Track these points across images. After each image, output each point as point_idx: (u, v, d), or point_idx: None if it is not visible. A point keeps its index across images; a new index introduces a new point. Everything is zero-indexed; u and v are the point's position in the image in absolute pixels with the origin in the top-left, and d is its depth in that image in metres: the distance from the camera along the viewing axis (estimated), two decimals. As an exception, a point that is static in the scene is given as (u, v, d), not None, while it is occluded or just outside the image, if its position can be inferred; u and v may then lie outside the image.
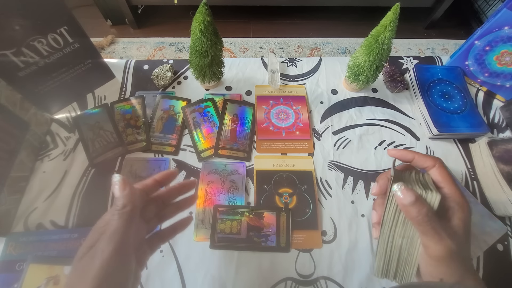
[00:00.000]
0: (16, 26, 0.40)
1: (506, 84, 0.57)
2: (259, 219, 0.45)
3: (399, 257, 0.33)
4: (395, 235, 0.32)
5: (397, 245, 0.32)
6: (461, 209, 0.29)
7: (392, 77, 0.59)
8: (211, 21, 0.43)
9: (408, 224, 0.32)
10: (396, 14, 0.43)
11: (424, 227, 0.28)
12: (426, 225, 0.28)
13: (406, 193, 0.29)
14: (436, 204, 0.29)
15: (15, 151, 0.44)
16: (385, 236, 0.33)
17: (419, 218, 0.28)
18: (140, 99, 0.55)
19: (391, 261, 0.33)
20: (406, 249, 0.32)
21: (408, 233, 0.32)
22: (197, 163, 0.50)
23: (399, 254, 0.33)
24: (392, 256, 0.33)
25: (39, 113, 0.50)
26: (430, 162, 0.32)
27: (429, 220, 0.28)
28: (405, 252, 0.32)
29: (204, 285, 0.41)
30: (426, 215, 0.28)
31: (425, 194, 0.30)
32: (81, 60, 0.51)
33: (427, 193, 0.30)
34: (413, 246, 0.32)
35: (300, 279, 0.41)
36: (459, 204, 0.29)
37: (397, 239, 0.32)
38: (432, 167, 0.32)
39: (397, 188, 0.30)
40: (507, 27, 0.52)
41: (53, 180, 0.47)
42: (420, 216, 0.28)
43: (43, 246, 0.41)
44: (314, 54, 1.55)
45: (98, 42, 1.50)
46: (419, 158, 0.33)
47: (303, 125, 0.54)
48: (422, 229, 0.29)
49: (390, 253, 0.33)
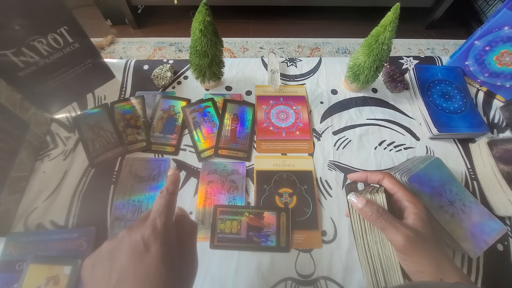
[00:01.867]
0: (16, 26, 0.40)
1: (506, 84, 0.57)
2: (259, 219, 0.45)
3: (381, 264, 0.35)
4: (369, 242, 0.36)
5: (375, 252, 0.36)
6: (414, 206, 0.34)
7: (392, 77, 0.59)
8: (211, 21, 0.43)
9: (374, 228, 0.36)
10: (396, 14, 0.43)
11: (380, 223, 0.33)
12: (381, 219, 0.33)
13: (359, 198, 0.35)
14: (384, 201, 0.35)
15: (15, 151, 0.44)
16: (361, 246, 0.37)
17: (373, 215, 0.33)
18: (140, 99, 0.55)
19: (377, 271, 0.35)
20: (383, 254, 0.35)
21: (377, 237, 0.36)
22: (197, 163, 0.50)
23: (380, 261, 0.35)
24: (375, 265, 0.36)
25: (39, 113, 0.50)
26: (380, 176, 0.38)
27: (382, 215, 0.33)
28: (384, 258, 0.35)
29: (204, 285, 0.41)
30: (377, 211, 0.33)
31: (373, 197, 0.35)
32: (81, 60, 0.51)
33: (375, 196, 0.35)
34: (387, 249, 0.35)
35: (300, 279, 0.41)
36: (412, 202, 0.34)
37: (372, 246, 0.36)
38: (383, 179, 0.37)
39: (351, 196, 0.36)
40: (507, 27, 0.52)
41: (53, 180, 0.47)
42: (373, 213, 0.33)
43: (43, 246, 0.41)
44: (314, 54, 1.55)
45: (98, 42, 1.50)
46: (371, 175, 0.39)
47: (303, 125, 0.54)
48: (380, 225, 0.33)
49: (372, 262, 0.36)
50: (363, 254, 0.36)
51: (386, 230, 0.33)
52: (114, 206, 0.46)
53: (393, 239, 0.32)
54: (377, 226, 0.34)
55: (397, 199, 0.36)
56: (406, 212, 0.34)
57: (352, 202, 0.36)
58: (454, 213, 0.41)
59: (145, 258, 0.25)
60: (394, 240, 0.32)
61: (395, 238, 0.32)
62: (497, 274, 0.43)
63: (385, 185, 0.37)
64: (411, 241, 0.31)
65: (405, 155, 0.52)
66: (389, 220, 0.33)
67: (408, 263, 0.32)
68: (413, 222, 0.33)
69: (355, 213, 0.37)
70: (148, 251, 0.26)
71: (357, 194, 0.36)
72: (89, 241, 0.41)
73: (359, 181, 0.41)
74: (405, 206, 0.35)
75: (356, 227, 0.37)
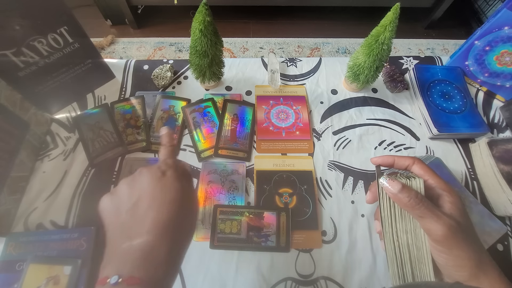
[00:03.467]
0: (16, 26, 0.40)
1: (506, 84, 0.57)
2: (259, 219, 0.45)
3: (410, 256, 0.32)
4: (397, 231, 0.33)
5: (404, 242, 0.32)
6: (449, 194, 0.31)
7: (392, 77, 0.59)
8: (211, 21, 0.43)
9: (406, 217, 0.32)
10: (396, 14, 0.43)
11: (418, 210, 0.30)
12: (420, 206, 0.29)
13: (393, 183, 0.31)
14: (422, 188, 0.31)
15: (15, 151, 0.44)
16: (388, 235, 0.33)
17: (411, 201, 0.30)
18: (140, 99, 0.55)
19: (404, 263, 0.33)
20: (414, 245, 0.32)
21: (409, 226, 0.32)
22: (197, 163, 0.50)
23: (409, 252, 0.32)
24: (403, 256, 0.33)
25: (39, 113, 0.50)
26: (410, 161, 0.34)
27: (421, 201, 0.30)
28: (414, 249, 0.32)
29: (204, 285, 0.41)
30: (416, 197, 0.30)
31: (409, 182, 0.32)
32: (81, 60, 0.51)
33: (411, 181, 0.32)
34: (419, 239, 0.32)
35: (300, 279, 0.41)
36: (446, 190, 0.31)
37: (401, 235, 0.33)
38: (413, 164, 0.34)
39: (383, 180, 0.32)
40: (507, 27, 0.52)
41: (53, 180, 0.47)
42: (411, 200, 0.30)
43: (43, 246, 0.41)
44: (314, 54, 1.55)
45: (98, 42, 1.50)
46: (399, 160, 0.36)
47: (303, 125, 0.54)
48: (418, 212, 0.30)
49: (400, 253, 0.33)
50: (390, 244, 0.33)
51: (425, 218, 0.29)
52: (114, 206, 0.46)
53: (432, 228, 0.29)
54: (414, 213, 0.31)
55: (429, 186, 0.32)
56: (441, 201, 0.31)
57: (384, 186, 0.32)
58: (454, 213, 0.41)
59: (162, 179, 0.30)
60: (433, 229, 0.29)
61: (434, 227, 0.29)
62: (497, 274, 0.43)
63: (415, 171, 0.34)
64: (453, 232, 0.28)
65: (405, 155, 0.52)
66: (429, 207, 0.29)
67: (445, 256, 0.29)
68: (452, 211, 0.30)
69: (385, 198, 0.33)
70: (164, 175, 0.30)
71: (391, 178, 0.32)
72: (89, 241, 0.41)
73: (384, 165, 0.37)
74: (439, 194, 0.32)
75: (385, 214, 0.33)
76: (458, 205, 0.30)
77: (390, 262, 0.33)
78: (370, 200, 0.38)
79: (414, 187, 0.31)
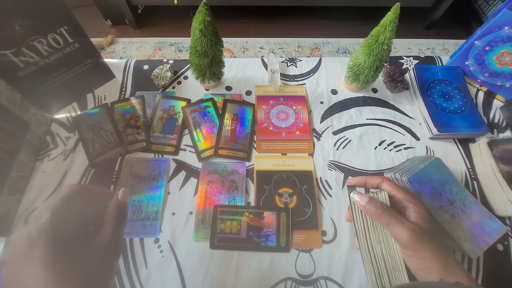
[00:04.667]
0: (16, 26, 0.40)
1: (506, 84, 0.57)
2: (259, 219, 0.45)
3: (385, 265, 0.35)
4: (372, 242, 0.36)
5: (378, 252, 0.35)
6: (415, 206, 0.34)
7: (392, 77, 0.59)
8: (211, 21, 0.43)
9: (378, 228, 0.36)
10: (396, 14, 0.43)
11: (385, 218, 0.33)
12: (385, 215, 0.33)
13: (361, 196, 0.35)
14: (387, 199, 0.35)
15: (15, 151, 0.44)
16: (364, 246, 0.36)
17: (378, 211, 0.34)
18: (140, 99, 0.55)
19: (381, 272, 0.35)
20: (388, 254, 0.35)
21: (381, 237, 0.36)
22: (197, 163, 0.50)
23: (384, 261, 0.35)
24: (379, 266, 0.35)
25: (39, 113, 0.50)
26: (379, 179, 0.38)
27: (386, 210, 0.33)
28: (388, 258, 0.35)
29: (204, 285, 0.41)
30: (382, 206, 0.34)
31: (375, 195, 0.36)
32: (81, 60, 0.51)
33: (377, 194, 0.36)
34: (391, 248, 0.35)
35: (300, 279, 0.41)
36: (412, 202, 0.35)
37: (376, 246, 0.36)
38: (382, 182, 0.38)
39: (353, 195, 0.36)
40: (507, 27, 0.52)
41: (53, 180, 0.47)
42: (378, 209, 0.34)
43: (43, 246, 0.41)
44: (314, 54, 1.55)
45: (98, 42, 1.50)
46: (370, 179, 0.39)
47: (303, 125, 0.54)
48: (385, 220, 0.33)
49: (376, 263, 0.35)
50: (366, 254, 0.36)
51: (391, 225, 0.33)
52: (114, 206, 0.46)
53: (398, 234, 0.32)
54: (381, 222, 0.34)
55: (397, 200, 0.36)
56: (407, 212, 0.35)
57: (355, 200, 0.36)
58: (454, 213, 0.41)
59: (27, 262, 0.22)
60: (399, 235, 0.32)
61: (400, 233, 0.32)
62: (497, 274, 0.43)
63: (385, 188, 0.38)
64: (417, 235, 0.31)
65: (405, 155, 0.52)
66: (394, 215, 0.33)
67: (415, 260, 0.32)
68: (415, 220, 0.33)
69: (357, 212, 0.37)
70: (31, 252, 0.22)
71: (360, 192, 0.36)
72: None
73: (358, 186, 0.41)
74: (405, 206, 0.35)
75: (359, 227, 0.37)
76: (423, 214, 0.34)
77: (368, 272, 0.36)
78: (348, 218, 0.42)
79: (381, 199, 0.36)
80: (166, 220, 0.45)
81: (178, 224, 0.45)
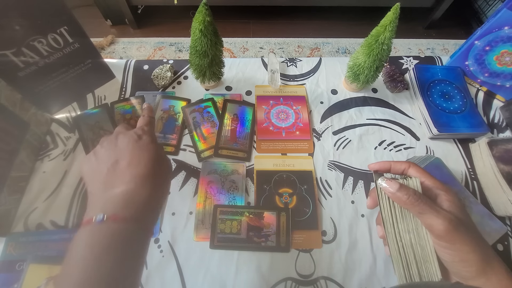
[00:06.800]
0: (16, 26, 0.40)
1: (506, 84, 0.57)
2: (259, 219, 0.45)
3: (415, 256, 0.32)
4: (400, 232, 0.33)
5: (407, 242, 0.33)
6: (446, 193, 0.32)
7: (392, 77, 0.59)
8: (211, 21, 0.43)
9: (407, 216, 0.33)
10: (396, 14, 0.43)
11: (418, 207, 0.30)
12: (419, 203, 0.30)
13: (391, 183, 0.32)
14: (419, 186, 0.32)
15: (15, 151, 0.44)
16: (391, 236, 0.33)
17: (410, 198, 0.30)
18: (140, 99, 0.55)
19: (410, 263, 0.33)
20: (418, 244, 0.32)
21: (411, 226, 0.32)
22: (197, 163, 0.50)
23: (413, 252, 0.32)
24: (408, 257, 0.33)
25: (39, 113, 0.50)
26: (405, 165, 0.35)
27: (419, 198, 0.30)
28: (418, 248, 0.32)
29: (204, 285, 0.41)
30: (415, 194, 0.30)
31: (406, 182, 0.33)
32: (81, 60, 0.51)
33: (407, 181, 0.33)
34: (422, 238, 0.32)
35: (300, 279, 0.41)
36: (443, 190, 0.32)
37: (404, 235, 0.33)
38: (408, 168, 0.35)
39: (381, 181, 0.33)
40: (507, 27, 0.52)
41: (53, 180, 0.47)
42: (410, 197, 0.30)
43: (43, 246, 0.41)
44: (314, 54, 1.55)
45: (98, 42, 1.50)
46: (395, 165, 0.36)
47: (303, 125, 0.54)
48: (418, 209, 0.30)
49: (405, 254, 0.33)
50: (394, 245, 0.33)
51: (425, 214, 0.30)
52: (114, 206, 0.46)
53: (433, 223, 0.29)
54: (414, 211, 0.31)
55: (426, 187, 0.33)
56: (438, 200, 0.32)
57: (383, 187, 0.33)
58: (454, 213, 0.41)
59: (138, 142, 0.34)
60: (434, 225, 0.29)
61: (435, 223, 0.29)
62: (497, 274, 0.43)
63: (412, 174, 0.34)
64: (454, 225, 0.28)
65: (405, 155, 0.52)
66: (428, 203, 0.30)
67: (450, 252, 0.29)
68: (449, 208, 0.30)
69: (385, 199, 0.34)
70: (140, 138, 0.35)
71: (389, 178, 0.33)
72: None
73: (381, 170, 0.37)
74: (436, 194, 0.32)
75: (386, 215, 0.33)
76: (456, 202, 0.31)
77: (396, 264, 0.33)
78: (370, 205, 0.39)
79: (411, 185, 0.32)
80: (166, 220, 0.45)
81: (178, 224, 0.45)
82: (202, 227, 0.44)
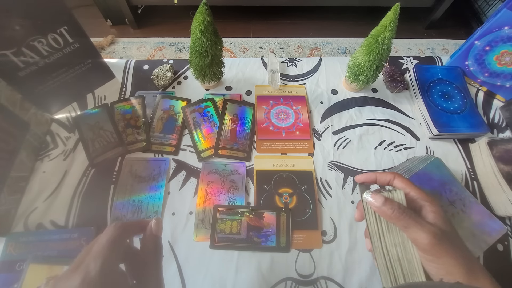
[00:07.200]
0: (16, 26, 0.40)
1: (506, 84, 0.57)
2: (259, 219, 0.45)
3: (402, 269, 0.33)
4: (387, 245, 0.33)
5: (394, 256, 0.33)
6: (431, 204, 0.31)
7: (392, 77, 0.59)
8: (211, 21, 0.43)
9: (394, 230, 0.33)
10: (396, 14, 0.43)
11: (402, 221, 0.30)
12: (403, 217, 0.30)
13: (376, 196, 0.32)
14: (403, 199, 0.32)
15: (15, 151, 0.44)
16: (378, 249, 0.34)
17: (395, 213, 0.30)
18: (140, 99, 0.55)
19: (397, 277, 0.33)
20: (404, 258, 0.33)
21: (397, 239, 0.33)
22: (197, 163, 0.50)
23: (400, 266, 0.33)
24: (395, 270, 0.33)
25: (39, 113, 0.50)
26: (390, 176, 0.35)
27: (404, 212, 0.30)
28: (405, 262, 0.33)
29: (204, 285, 0.41)
30: (399, 208, 0.30)
31: (391, 195, 0.33)
32: (81, 60, 0.51)
33: (392, 194, 0.33)
34: (408, 251, 0.32)
35: (300, 279, 0.41)
36: (428, 201, 0.32)
37: (391, 249, 0.33)
38: (394, 179, 0.35)
39: (366, 195, 0.33)
40: (507, 27, 0.52)
41: (53, 180, 0.47)
42: (394, 211, 0.30)
43: (43, 246, 0.41)
44: (314, 54, 1.55)
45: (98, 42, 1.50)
46: (380, 176, 0.36)
47: (303, 125, 0.54)
48: (402, 223, 0.30)
49: (392, 267, 0.33)
50: (381, 258, 0.33)
51: (409, 228, 0.30)
52: (114, 206, 0.46)
53: (417, 237, 0.29)
54: (399, 225, 0.31)
55: (411, 198, 0.33)
56: (423, 211, 0.32)
57: (368, 201, 0.33)
58: (454, 213, 0.41)
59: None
60: (419, 238, 0.29)
61: (420, 236, 0.29)
62: (497, 274, 0.43)
63: (397, 185, 0.35)
64: (438, 239, 0.28)
65: (405, 155, 0.52)
66: (413, 217, 0.30)
67: (436, 265, 0.29)
68: (434, 220, 0.30)
69: (370, 213, 0.34)
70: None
71: (373, 192, 0.33)
72: (89, 241, 0.41)
73: (367, 182, 0.38)
74: (421, 205, 0.32)
75: (373, 229, 0.34)
76: (440, 214, 0.31)
77: (384, 278, 0.33)
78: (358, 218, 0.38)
79: (396, 199, 0.32)
80: (166, 220, 0.45)
81: (178, 224, 0.45)
82: (202, 227, 0.44)
